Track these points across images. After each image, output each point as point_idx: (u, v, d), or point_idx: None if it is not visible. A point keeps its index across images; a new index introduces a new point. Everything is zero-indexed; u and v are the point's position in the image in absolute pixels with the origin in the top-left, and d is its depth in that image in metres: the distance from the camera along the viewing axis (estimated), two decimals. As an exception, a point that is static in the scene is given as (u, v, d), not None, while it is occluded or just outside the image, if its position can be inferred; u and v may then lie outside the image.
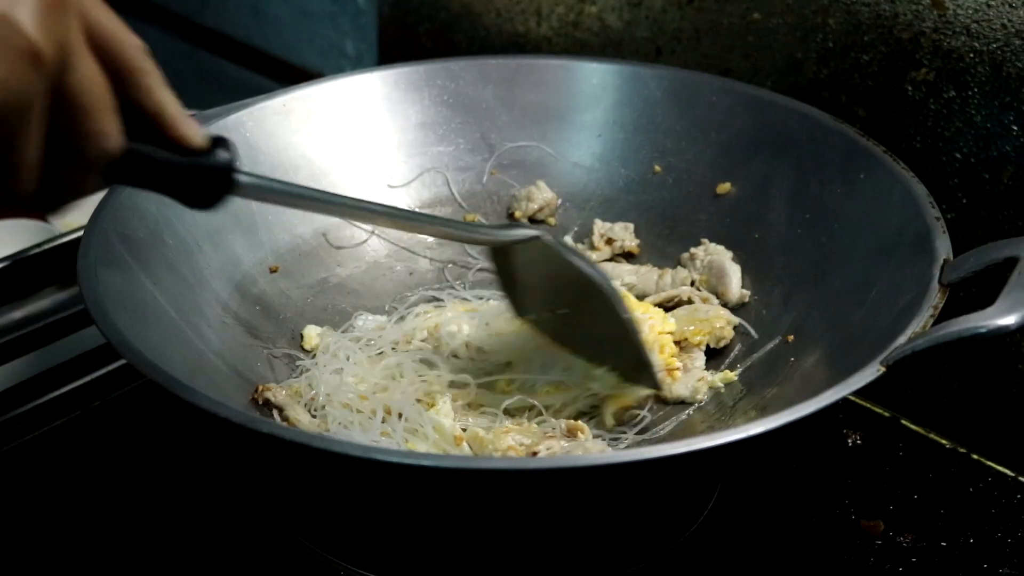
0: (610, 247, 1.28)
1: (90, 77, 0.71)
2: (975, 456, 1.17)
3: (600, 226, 1.28)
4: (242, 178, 0.82)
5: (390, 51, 1.70)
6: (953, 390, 1.26)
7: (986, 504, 1.12)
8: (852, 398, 0.92)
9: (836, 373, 0.95)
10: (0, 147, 0.69)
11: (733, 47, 1.36)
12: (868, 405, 1.23)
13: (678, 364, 1.13)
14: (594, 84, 1.32)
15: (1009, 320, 0.91)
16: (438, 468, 0.86)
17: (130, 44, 0.74)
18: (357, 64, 1.80)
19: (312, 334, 1.17)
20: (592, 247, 1.28)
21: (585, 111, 1.32)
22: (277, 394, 1.06)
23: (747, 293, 1.20)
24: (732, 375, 1.13)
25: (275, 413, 1.05)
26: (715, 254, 1.23)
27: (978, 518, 1.10)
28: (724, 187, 1.25)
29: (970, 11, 1.18)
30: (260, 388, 1.07)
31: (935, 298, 0.97)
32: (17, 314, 1.22)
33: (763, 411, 1.04)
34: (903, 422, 1.22)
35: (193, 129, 0.79)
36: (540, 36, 1.51)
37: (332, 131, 1.29)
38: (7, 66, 0.67)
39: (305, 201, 0.94)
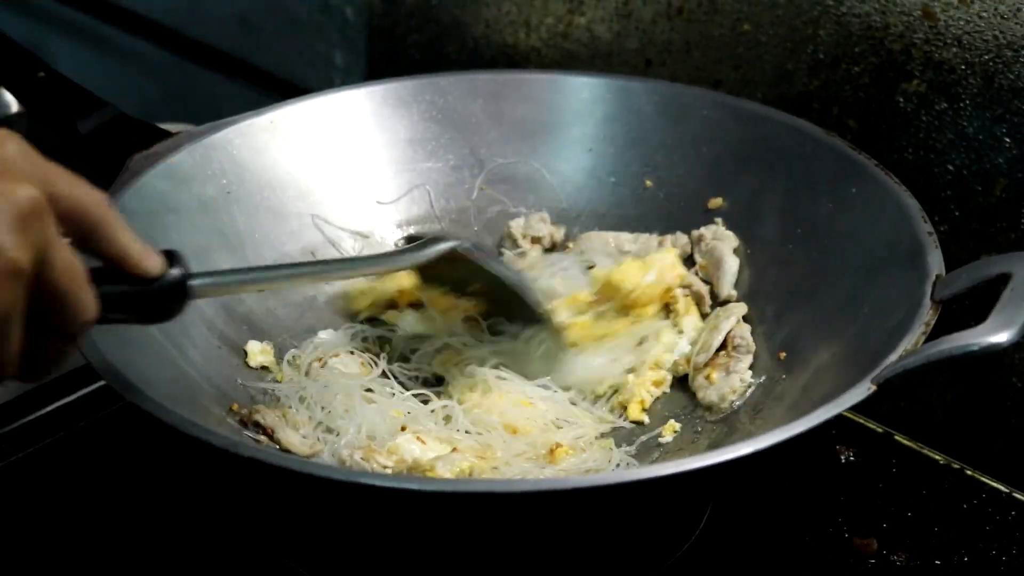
0: (538, 244, 1.28)
1: (67, 266, 0.75)
2: (969, 471, 1.17)
3: (516, 226, 1.29)
4: (195, 285, 0.86)
5: (379, 63, 1.69)
6: (947, 404, 1.26)
7: (981, 521, 1.11)
8: (845, 414, 0.91)
9: (827, 391, 0.95)
10: None
11: (723, 58, 1.35)
12: (861, 420, 1.22)
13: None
14: (584, 98, 1.31)
15: (1001, 338, 0.90)
16: (422, 492, 0.85)
17: (92, 203, 0.78)
18: (345, 76, 1.79)
19: (255, 350, 1.15)
20: (522, 254, 1.28)
21: (575, 126, 1.31)
22: (267, 416, 1.05)
23: (734, 294, 1.20)
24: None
25: (263, 435, 1.04)
26: (721, 239, 1.22)
27: (973, 535, 1.10)
28: (715, 201, 1.24)
29: (961, 23, 1.17)
30: (250, 411, 1.06)
31: (927, 315, 0.96)
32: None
33: (754, 429, 1.03)
34: (897, 437, 1.21)
35: (152, 260, 0.83)
36: (529, 47, 1.51)
37: (320, 147, 1.28)
38: None
39: (254, 283, 1.04)
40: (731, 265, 1.20)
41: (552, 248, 1.29)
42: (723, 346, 1.14)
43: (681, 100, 1.29)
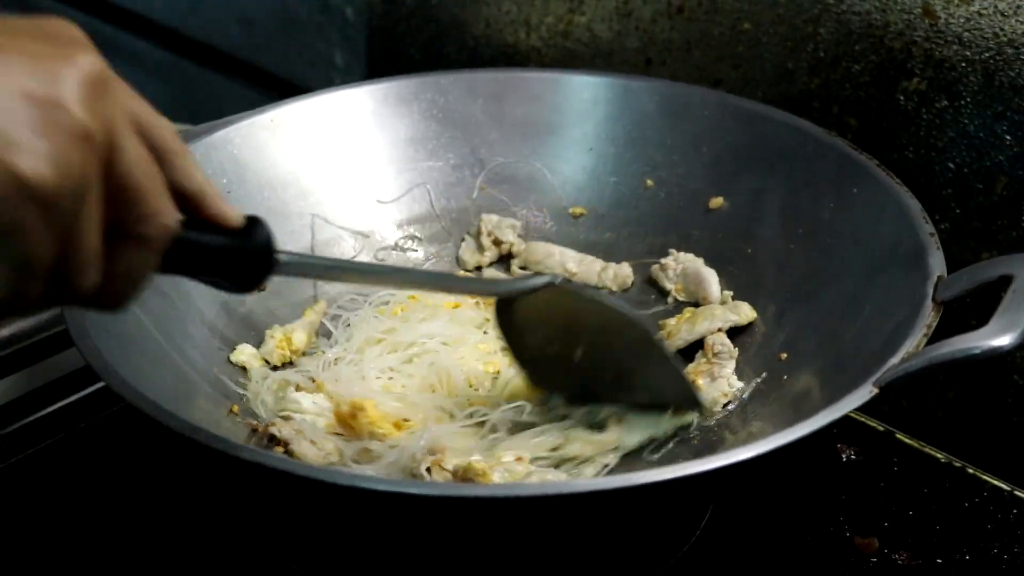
0: (498, 248, 1.28)
1: (140, 158, 0.71)
2: (971, 470, 1.16)
3: (487, 222, 1.28)
4: (282, 257, 0.82)
5: (378, 62, 1.69)
6: (948, 403, 1.26)
7: (982, 519, 1.11)
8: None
9: (829, 393, 0.95)
10: (61, 235, 0.68)
11: (723, 57, 1.35)
12: (863, 419, 1.22)
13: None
14: (585, 98, 1.31)
15: (1003, 341, 0.90)
16: (425, 496, 0.85)
17: (165, 128, 0.74)
18: (346, 75, 1.79)
19: (244, 351, 1.14)
20: (480, 248, 1.28)
21: (576, 125, 1.32)
22: (283, 429, 1.04)
23: (729, 293, 1.20)
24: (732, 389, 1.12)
25: (279, 448, 1.03)
26: (687, 262, 1.22)
27: (974, 534, 1.09)
28: (716, 201, 1.24)
29: (962, 20, 1.17)
30: (266, 426, 1.05)
31: (929, 317, 0.96)
32: (3, 333, 1.21)
33: (755, 431, 1.03)
34: (898, 436, 1.20)
35: (231, 209, 0.79)
36: (529, 47, 1.50)
37: (321, 146, 1.28)
38: (60, 146, 0.66)
39: (339, 273, 1.00)
40: (709, 273, 1.21)
41: (509, 256, 1.29)
42: (704, 353, 1.14)
43: (682, 99, 1.29)
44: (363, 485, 0.85)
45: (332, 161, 1.29)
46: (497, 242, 1.28)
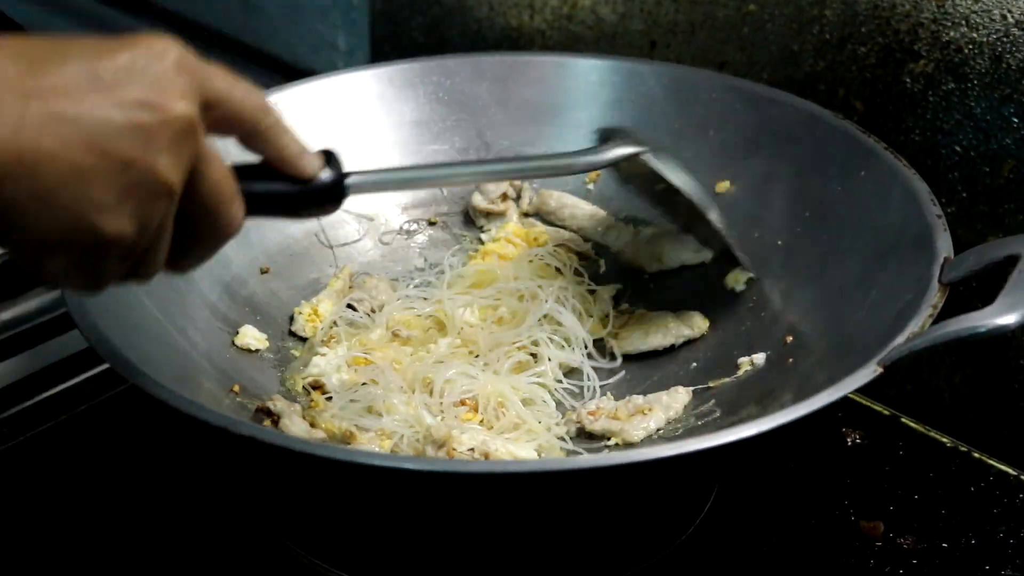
0: (508, 200, 1.30)
1: (217, 181, 0.77)
2: (976, 454, 1.16)
3: (479, 200, 1.30)
4: (351, 183, 0.89)
5: (382, 45, 1.68)
6: (954, 386, 1.25)
7: (988, 504, 1.11)
8: (852, 396, 0.91)
9: (834, 373, 0.94)
10: (137, 261, 0.75)
11: (728, 40, 1.35)
12: (868, 403, 1.21)
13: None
14: (591, 81, 1.31)
15: (1009, 319, 0.90)
16: (423, 472, 0.85)
17: (250, 105, 0.79)
18: (349, 59, 1.79)
19: (247, 334, 1.14)
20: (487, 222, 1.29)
21: (582, 108, 1.31)
22: (277, 403, 1.04)
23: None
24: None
25: (269, 421, 1.04)
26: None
27: (980, 518, 1.09)
28: (723, 185, 1.24)
29: (969, 1, 1.16)
30: (263, 399, 1.06)
31: (935, 297, 0.96)
32: (3, 316, 1.21)
33: (759, 412, 1.02)
34: (903, 420, 1.20)
35: (309, 161, 0.85)
36: (533, 29, 1.50)
37: (325, 129, 1.26)
38: (145, 209, 0.72)
39: (413, 181, 1.10)
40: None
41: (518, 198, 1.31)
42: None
43: (689, 83, 1.28)
44: (361, 460, 0.85)
45: (337, 144, 1.24)
46: (504, 197, 1.29)
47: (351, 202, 1.23)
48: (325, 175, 0.87)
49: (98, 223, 0.70)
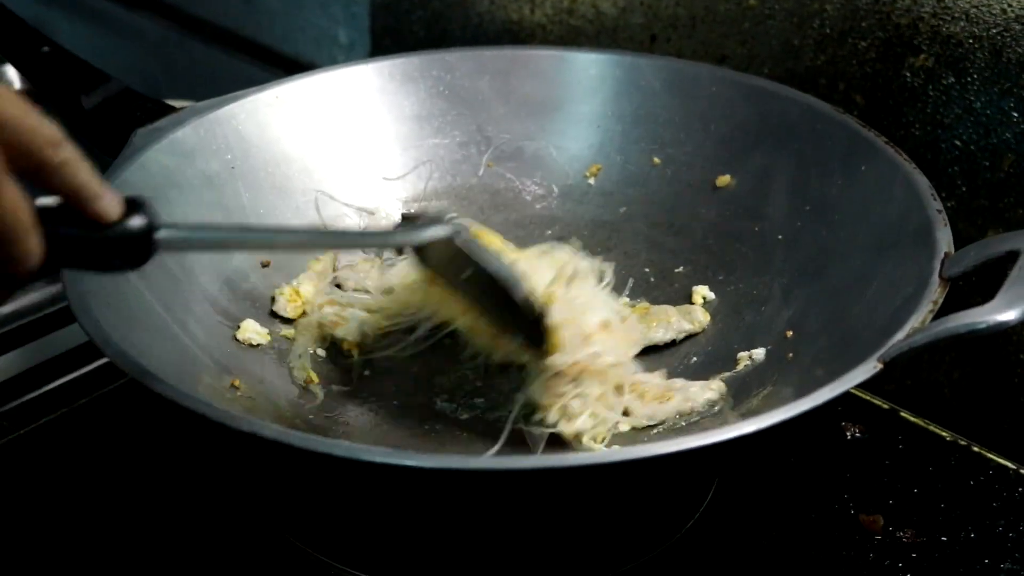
0: None
1: (11, 207, 0.72)
2: (976, 448, 1.16)
3: None
4: (163, 237, 0.82)
5: (382, 39, 1.68)
6: (954, 381, 1.25)
7: (987, 498, 1.11)
8: (851, 390, 0.91)
9: (834, 369, 0.94)
10: None
11: (729, 34, 1.35)
12: (867, 397, 1.21)
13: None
14: (592, 75, 1.31)
15: (1009, 316, 0.90)
16: (424, 468, 0.85)
17: (47, 139, 0.74)
18: (349, 52, 1.79)
19: (249, 328, 1.14)
20: None
21: (583, 103, 1.31)
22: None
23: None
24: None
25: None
26: None
27: (979, 512, 1.09)
28: (724, 179, 1.24)
29: (969, -4, 1.17)
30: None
31: (935, 293, 0.96)
32: (4, 310, 1.21)
33: (759, 407, 1.03)
34: (903, 414, 1.20)
35: (109, 202, 0.78)
36: (534, 23, 1.50)
37: (326, 123, 1.28)
38: None
39: (229, 242, 0.99)
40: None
41: None
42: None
43: (690, 77, 1.28)
44: (361, 457, 0.85)
45: (337, 138, 1.28)
46: None
47: (351, 197, 1.26)
48: (134, 222, 0.80)
49: None
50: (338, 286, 1.20)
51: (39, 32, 1.26)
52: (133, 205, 0.81)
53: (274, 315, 1.17)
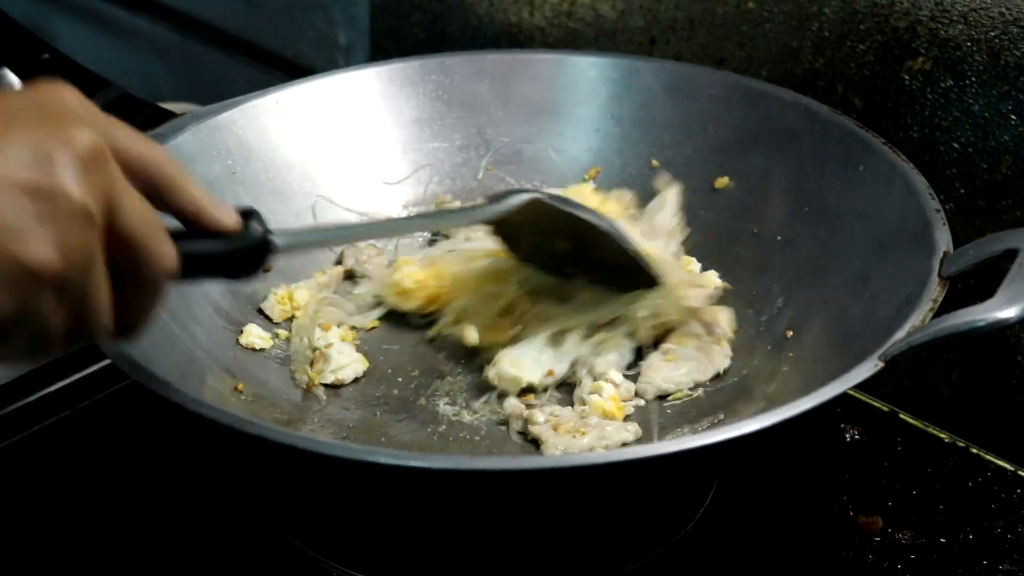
0: None
1: (139, 212, 0.75)
2: (975, 450, 1.16)
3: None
4: (278, 242, 0.87)
5: (382, 41, 1.69)
6: (952, 383, 1.26)
7: (986, 499, 1.11)
8: (850, 392, 0.92)
9: (835, 368, 0.94)
10: (74, 305, 0.73)
11: (728, 36, 1.35)
12: (866, 399, 1.22)
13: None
14: (591, 78, 1.31)
15: (1008, 313, 0.90)
16: (426, 469, 0.85)
17: (159, 159, 0.79)
18: (349, 55, 1.79)
19: (253, 333, 1.14)
20: None
21: (582, 105, 1.31)
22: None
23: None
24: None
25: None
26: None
27: (978, 514, 1.10)
28: (722, 181, 1.24)
29: (967, -1, 1.17)
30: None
31: (934, 291, 0.96)
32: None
33: (760, 407, 1.03)
34: (902, 416, 1.20)
35: (228, 215, 0.83)
36: (533, 26, 1.50)
37: (326, 128, 1.28)
38: (63, 231, 0.71)
39: (334, 238, 1.11)
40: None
41: None
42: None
43: (689, 79, 1.28)
44: (364, 458, 0.85)
45: (338, 142, 1.29)
46: None
47: (351, 202, 1.27)
48: (254, 230, 0.85)
49: (18, 250, 0.69)
50: (350, 277, 1.21)
51: (38, 38, 1.26)
52: (246, 214, 0.85)
53: (260, 312, 1.18)
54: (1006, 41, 1.15)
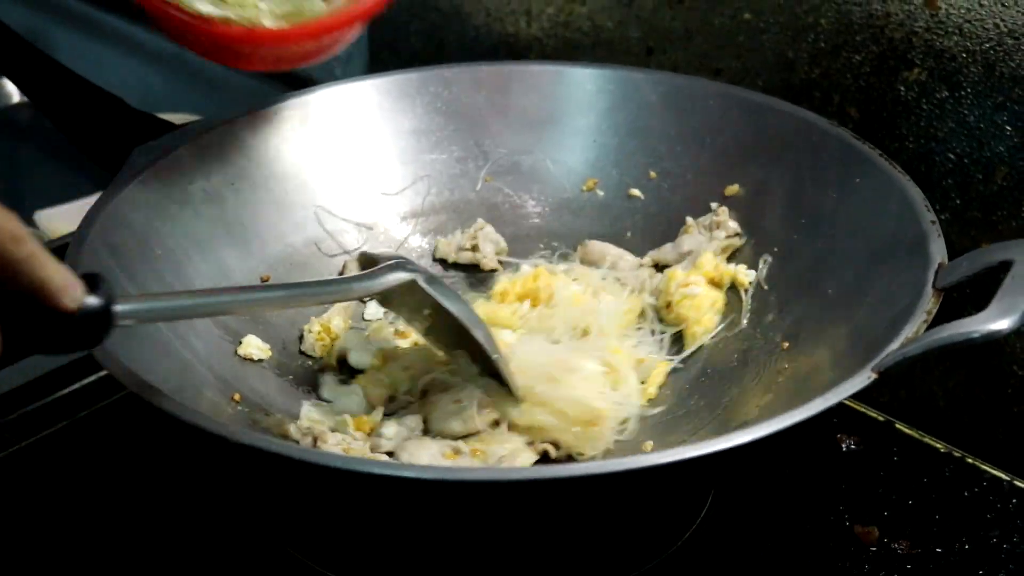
0: (472, 253, 1.28)
1: None
2: (970, 460, 1.17)
3: (480, 226, 1.29)
4: (119, 311, 0.82)
5: (379, 51, 1.69)
6: (948, 393, 1.26)
7: (981, 509, 1.12)
8: (846, 402, 0.92)
9: (829, 379, 0.95)
10: None
11: (724, 47, 1.35)
12: (862, 409, 1.22)
13: None
14: (588, 89, 1.31)
15: (1002, 325, 0.91)
16: (422, 480, 0.86)
17: (10, 234, 0.74)
18: (347, 64, 1.79)
19: (251, 343, 1.14)
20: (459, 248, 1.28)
21: (579, 116, 1.32)
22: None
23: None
24: None
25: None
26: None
27: (974, 524, 1.10)
28: (732, 189, 1.24)
29: (963, 10, 1.17)
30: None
31: (929, 303, 0.96)
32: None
33: (754, 417, 1.03)
34: (897, 426, 1.21)
35: (72, 294, 0.78)
36: (530, 36, 1.50)
37: (325, 139, 1.28)
38: None
39: (185, 310, 0.97)
40: None
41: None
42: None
43: (686, 91, 1.29)
44: (359, 468, 0.86)
45: (336, 154, 1.29)
46: (475, 248, 1.28)
47: (350, 212, 1.27)
48: (88, 304, 0.79)
49: None
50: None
51: (38, 49, 1.26)
52: (91, 283, 0.80)
53: (303, 354, 1.17)
54: (1001, 52, 1.16)
